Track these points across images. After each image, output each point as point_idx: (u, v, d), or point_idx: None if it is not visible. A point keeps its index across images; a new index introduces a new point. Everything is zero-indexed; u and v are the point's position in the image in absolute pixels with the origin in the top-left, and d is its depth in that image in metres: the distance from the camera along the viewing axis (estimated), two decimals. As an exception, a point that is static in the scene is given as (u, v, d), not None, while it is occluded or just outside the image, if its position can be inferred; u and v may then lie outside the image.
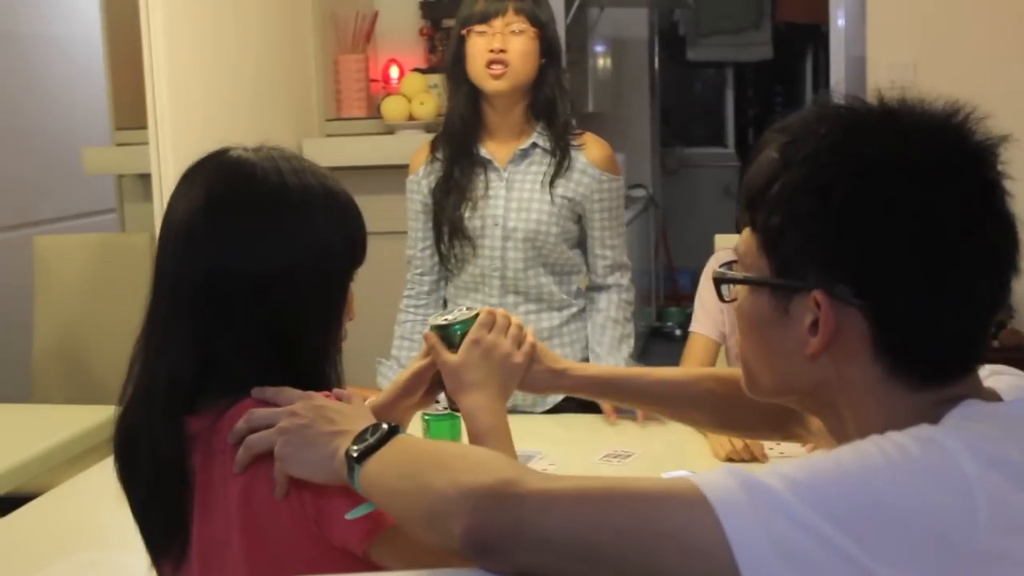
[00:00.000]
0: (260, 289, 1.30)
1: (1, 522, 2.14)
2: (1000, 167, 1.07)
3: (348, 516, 1.21)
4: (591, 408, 2.55)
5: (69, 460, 2.73)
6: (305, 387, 1.31)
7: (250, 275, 1.30)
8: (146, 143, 3.03)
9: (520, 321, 1.52)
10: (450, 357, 1.47)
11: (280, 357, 1.32)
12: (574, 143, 2.60)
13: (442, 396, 1.54)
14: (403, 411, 1.54)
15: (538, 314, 2.63)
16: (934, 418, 1.03)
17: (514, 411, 2.60)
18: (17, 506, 2.20)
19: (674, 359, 2.65)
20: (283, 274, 1.31)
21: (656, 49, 7.91)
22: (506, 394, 1.48)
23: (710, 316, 2.63)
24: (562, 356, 2.54)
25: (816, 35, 8.18)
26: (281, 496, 1.25)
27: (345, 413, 1.27)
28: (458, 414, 2.15)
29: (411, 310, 2.73)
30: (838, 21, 6.03)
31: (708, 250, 3.02)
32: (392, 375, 2.62)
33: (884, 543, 0.92)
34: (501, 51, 2.50)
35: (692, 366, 2.59)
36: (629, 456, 2.31)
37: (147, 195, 3.28)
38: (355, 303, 1.40)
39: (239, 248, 1.30)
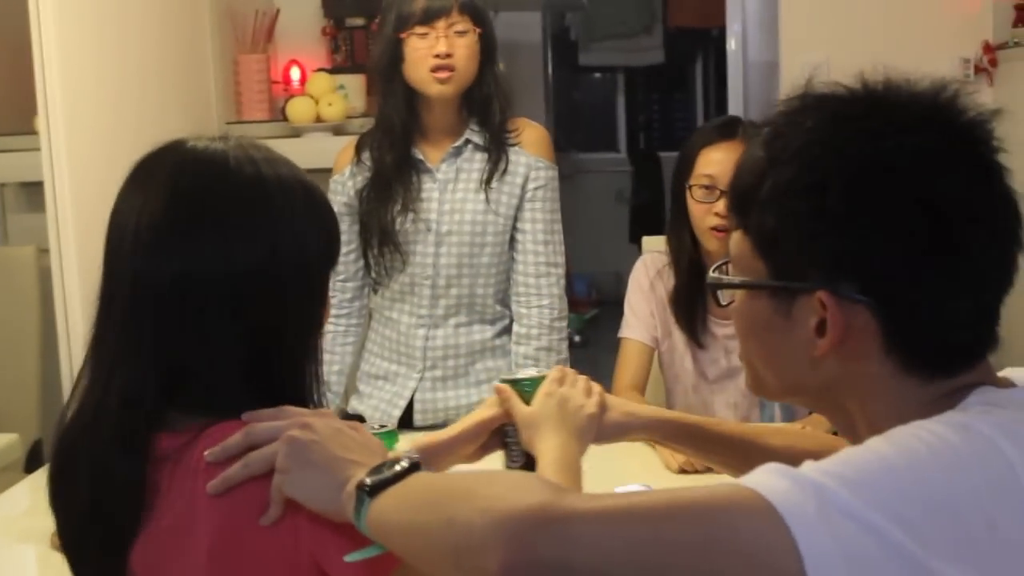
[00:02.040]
0: (238, 294, 1.15)
1: None
2: (995, 143, 1.05)
3: (349, 559, 1.05)
4: None
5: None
6: (285, 403, 1.17)
7: (227, 278, 1.15)
8: (29, 149, 2.81)
9: (587, 377, 1.49)
10: (526, 409, 1.43)
11: (258, 369, 1.17)
12: (510, 139, 2.45)
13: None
14: (454, 459, 1.46)
15: (469, 327, 2.48)
16: (948, 407, 1.00)
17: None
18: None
19: (573, 365, 2.52)
20: (263, 276, 1.16)
21: (549, 53, 7.85)
22: (583, 443, 1.42)
23: (642, 321, 2.53)
24: (494, 369, 2.47)
25: (707, 40, 8.22)
26: (271, 520, 1.10)
27: (362, 443, 1.13)
28: (395, 432, 2.05)
29: (332, 320, 2.55)
30: (735, 26, 6.05)
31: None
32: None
33: (938, 535, 0.88)
34: (448, 55, 2.34)
35: (629, 373, 2.50)
36: (576, 471, 2.18)
37: (32, 204, 3.06)
38: (328, 308, 1.28)
39: (215, 248, 1.15)
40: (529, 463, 1.43)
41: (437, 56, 2.34)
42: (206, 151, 1.19)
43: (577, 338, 7.23)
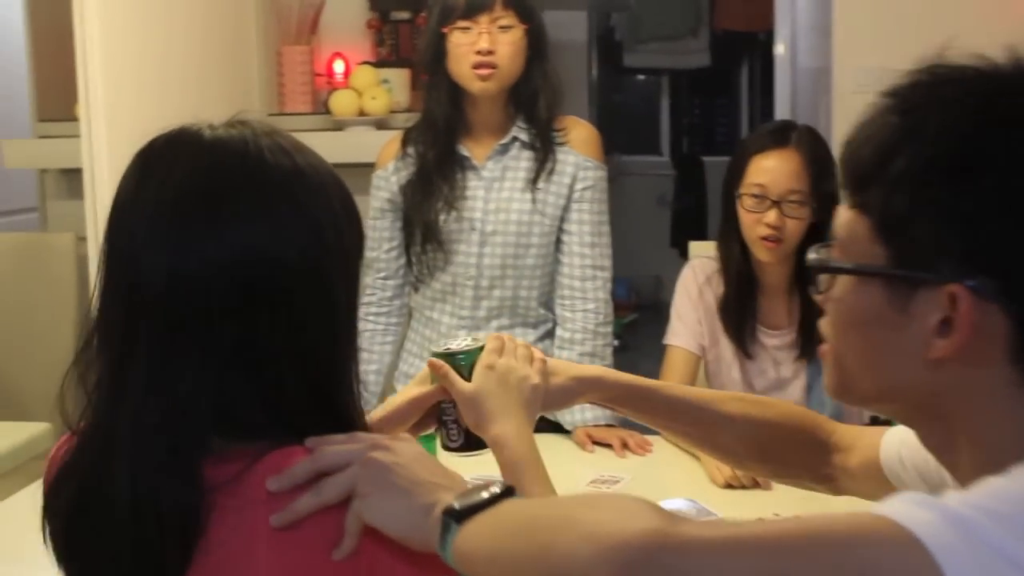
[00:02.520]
0: (287, 289, 1.05)
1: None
2: None
3: None
4: (558, 430, 2.37)
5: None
6: (339, 418, 1.08)
7: (272, 273, 1.05)
8: (71, 136, 2.78)
9: (525, 343, 1.39)
10: (465, 386, 1.32)
11: (309, 377, 1.07)
12: (557, 137, 2.38)
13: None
14: None
15: (511, 329, 2.40)
16: None
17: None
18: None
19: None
20: (310, 269, 1.07)
21: (594, 54, 7.78)
22: (532, 419, 1.32)
23: (688, 328, 2.46)
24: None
25: (754, 44, 8.12)
26: (345, 553, 0.99)
27: (446, 470, 1.05)
28: (432, 435, 1.97)
29: (371, 318, 2.49)
30: (784, 30, 5.95)
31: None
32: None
33: None
34: (489, 52, 2.27)
35: (674, 381, 2.43)
36: (618, 482, 2.12)
37: (72, 192, 3.03)
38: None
39: (258, 240, 1.04)
40: (470, 442, 1.35)
41: (479, 52, 2.27)
42: (232, 139, 1.09)
43: (616, 342, 7.12)
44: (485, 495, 0.96)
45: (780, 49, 6.01)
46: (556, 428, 2.38)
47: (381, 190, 2.44)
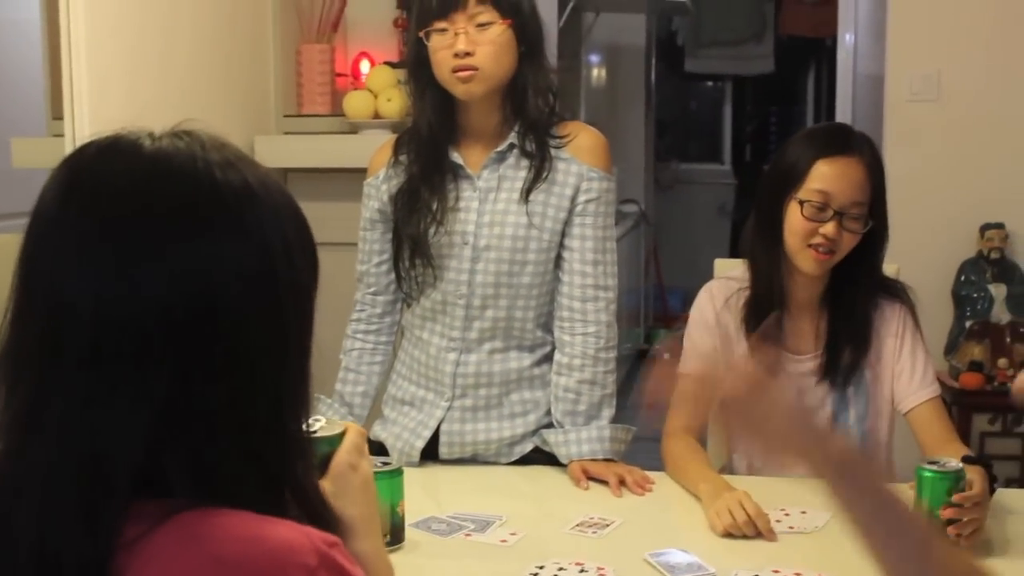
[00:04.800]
0: (230, 327, 0.93)
1: None
2: None
3: None
4: (553, 462, 2.20)
5: None
6: (276, 481, 0.96)
7: (217, 305, 0.93)
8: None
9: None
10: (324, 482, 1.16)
11: (246, 433, 0.95)
12: (556, 141, 2.19)
13: None
14: None
15: (505, 353, 2.21)
16: None
17: (475, 461, 2.25)
18: None
19: None
20: (258, 306, 0.95)
21: (653, 58, 7.58)
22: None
23: (703, 356, 2.26)
24: (531, 401, 2.23)
25: (820, 50, 7.87)
26: None
27: None
28: (399, 471, 1.80)
29: (360, 336, 2.32)
30: (846, 37, 5.73)
31: (701, 270, 2.65)
32: (334, 416, 2.22)
33: None
34: (467, 53, 2.09)
35: (685, 413, 2.23)
36: (608, 526, 1.92)
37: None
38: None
39: (202, 266, 0.92)
40: None
41: (456, 55, 2.09)
42: (176, 151, 0.96)
43: (667, 355, 6.93)
44: None
45: (842, 55, 5.81)
46: (551, 460, 2.20)
47: (371, 199, 2.27)
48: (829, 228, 2.11)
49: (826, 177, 2.13)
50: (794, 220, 2.15)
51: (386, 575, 1.13)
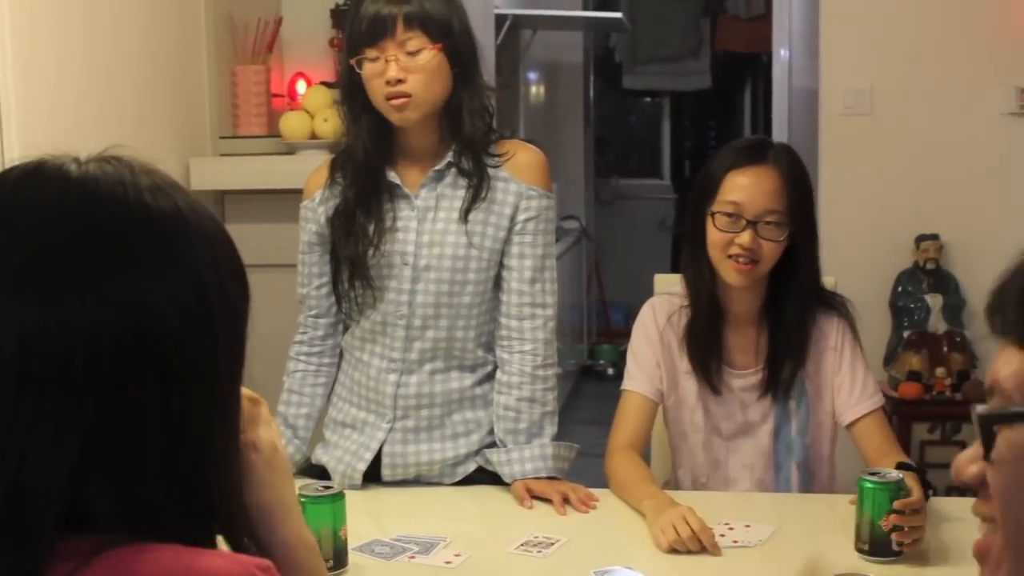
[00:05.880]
0: (160, 357, 0.91)
1: None
2: None
3: None
4: (497, 481, 2.18)
5: None
6: (206, 514, 0.94)
7: (147, 334, 0.90)
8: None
9: None
10: None
11: (175, 464, 0.92)
12: (494, 160, 2.18)
13: None
14: None
15: (446, 373, 2.20)
16: None
17: (418, 482, 2.24)
18: None
19: (606, 400, 2.26)
20: (188, 335, 0.92)
21: (591, 75, 7.62)
22: None
23: (645, 372, 2.27)
24: (473, 421, 2.21)
25: (756, 65, 7.96)
26: None
27: None
28: (340, 495, 1.79)
29: (303, 358, 2.29)
30: (781, 52, 5.80)
31: (643, 285, 2.66)
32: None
33: None
34: (399, 81, 2.08)
35: (627, 429, 2.24)
36: (552, 544, 1.91)
37: None
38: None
39: (132, 295, 0.90)
40: None
41: (388, 83, 2.08)
42: (105, 176, 0.94)
43: (611, 370, 6.96)
44: None
45: (777, 71, 5.89)
46: (495, 480, 2.19)
47: (309, 222, 2.25)
48: (744, 238, 2.12)
49: (737, 187, 2.15)
50: (711, 232, 2.16)
51: (314, 556, 1.10)
